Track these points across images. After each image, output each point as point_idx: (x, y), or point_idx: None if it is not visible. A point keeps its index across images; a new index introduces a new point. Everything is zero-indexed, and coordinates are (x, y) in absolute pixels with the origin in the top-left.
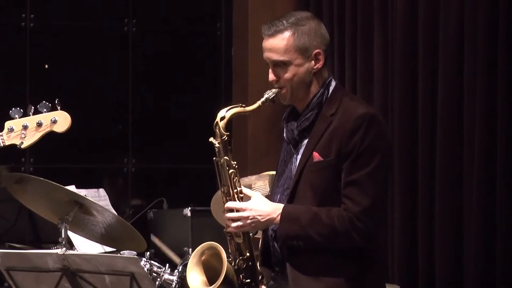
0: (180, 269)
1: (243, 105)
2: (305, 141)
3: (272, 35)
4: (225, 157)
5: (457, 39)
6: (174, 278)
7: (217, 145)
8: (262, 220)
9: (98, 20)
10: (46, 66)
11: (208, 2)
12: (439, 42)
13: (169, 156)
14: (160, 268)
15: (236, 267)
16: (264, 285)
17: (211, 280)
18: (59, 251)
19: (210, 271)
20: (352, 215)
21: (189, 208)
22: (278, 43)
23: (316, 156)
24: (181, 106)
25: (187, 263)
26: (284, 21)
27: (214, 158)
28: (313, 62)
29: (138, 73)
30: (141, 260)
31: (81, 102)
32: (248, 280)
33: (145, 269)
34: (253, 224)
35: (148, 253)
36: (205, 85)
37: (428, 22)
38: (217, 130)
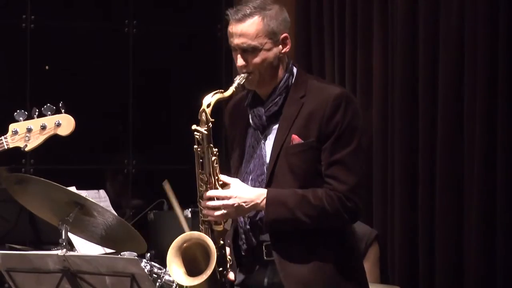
0: None
1: (222, 91)
2: (275, 126)
3: (241, 20)
4: (210, 144)
5: (457, 39)
6: None
7: (204, 132)
8: (246, 206)
9: (98, 20)
10: (47, 67)
11: (208, 3)
12: (439, 42)
13: (170, 157)
14: (160, 269)
15: None
16: (232, 271)
17: (192, 271)
18: (60, 252)
19: (190, 262)
20: (340, 195)
21: (189, 209)
22: (248, 28)
23: (296, 138)
24: (181, 107)
25: None
26: (251, 5)
27: (195, 147)
28: (280, 46)
29: (139, 74)
30: (142, 261)
31: (81, 103)
32: (221, 269)
33: (146, 270)
34: (237, 212)
35: (149, 254)
36: (206, 86)
37: (428, 22)
38: (203, 117)
